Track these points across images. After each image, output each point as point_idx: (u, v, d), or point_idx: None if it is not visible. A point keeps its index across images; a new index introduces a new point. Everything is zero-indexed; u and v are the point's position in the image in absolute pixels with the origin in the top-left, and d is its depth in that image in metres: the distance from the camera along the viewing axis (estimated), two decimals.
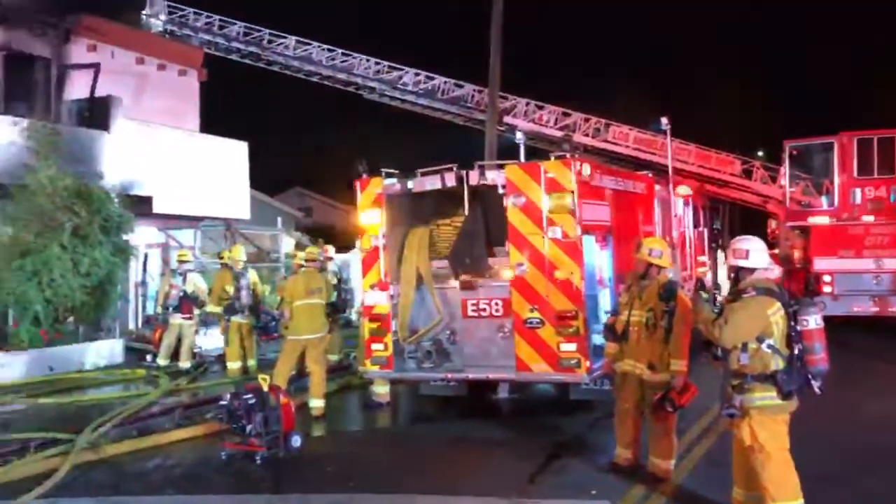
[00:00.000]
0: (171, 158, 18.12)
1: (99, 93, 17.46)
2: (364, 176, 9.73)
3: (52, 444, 8.21)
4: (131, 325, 16.41)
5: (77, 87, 17.75)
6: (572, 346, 8.50)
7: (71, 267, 12.62)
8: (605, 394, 8.67)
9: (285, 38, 27.89)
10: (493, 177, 9.11)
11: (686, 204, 14.35)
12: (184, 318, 13.04)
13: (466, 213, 9.41)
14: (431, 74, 27.50)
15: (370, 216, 9.65)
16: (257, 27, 27.94)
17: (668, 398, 6.70)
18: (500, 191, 9.00)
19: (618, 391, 7.34)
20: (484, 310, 9.34)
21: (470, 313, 9.40)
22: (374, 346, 9.60)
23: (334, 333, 11.94)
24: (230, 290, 12.71)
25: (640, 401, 7.10)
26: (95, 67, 17.60)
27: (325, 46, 27.69)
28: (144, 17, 25.59)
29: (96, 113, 17.08)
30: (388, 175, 9.65)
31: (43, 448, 8.12)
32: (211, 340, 14.05)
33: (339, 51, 27.70)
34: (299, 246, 22.28)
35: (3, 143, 14.44)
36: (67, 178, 13.27)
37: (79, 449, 8.03)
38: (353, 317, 13.98)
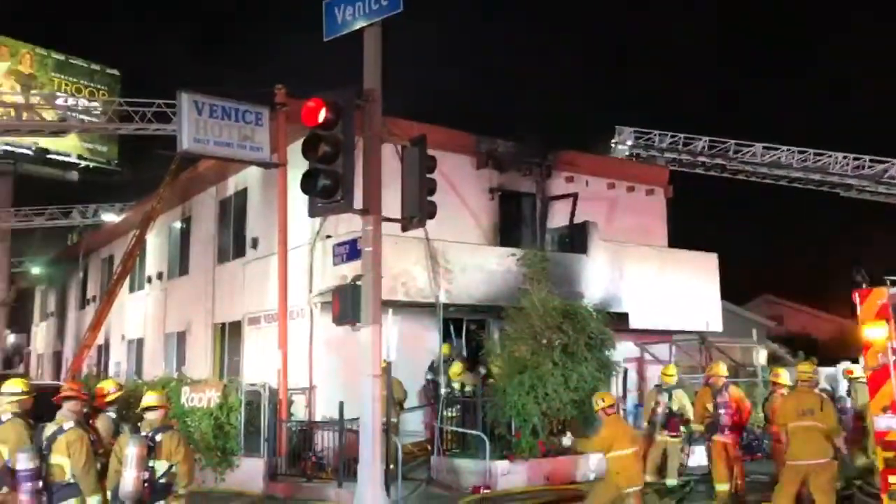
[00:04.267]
0: (642, 274, 18.75)
1: (577, 219, 19.09)
2: (864, 286, 8.83)
3: None
4: None
5: (558, 216, 19.62)
6: None
7: (562, 382, 13.51)
8: None
9: (752, 145, 27.51)
10: None
11: None
12: (670, 435, 13.04)
13: None
14: None
15: (875, 330, 8.65)
16: (722, 139, 28.08)
17: None
18: None
19: None
20: None
21: None
22: (892, 479, 8.37)
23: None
24: (710, 407, 12.39)
25: None
26: (574, 197, 19.30)
27: (796, 149, 26.57)
28: (613, 144, 27.69)
29: (575, 238, 18.60)
30: (893, 283, 8.63)
31: None
32: (695, 458, 13.78)
33: (811, 151, 26.34)
34: (777, 360, 20.92)
35: (501, 271, 16.53)
36: (555, 299, 14.46)
37: None
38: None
